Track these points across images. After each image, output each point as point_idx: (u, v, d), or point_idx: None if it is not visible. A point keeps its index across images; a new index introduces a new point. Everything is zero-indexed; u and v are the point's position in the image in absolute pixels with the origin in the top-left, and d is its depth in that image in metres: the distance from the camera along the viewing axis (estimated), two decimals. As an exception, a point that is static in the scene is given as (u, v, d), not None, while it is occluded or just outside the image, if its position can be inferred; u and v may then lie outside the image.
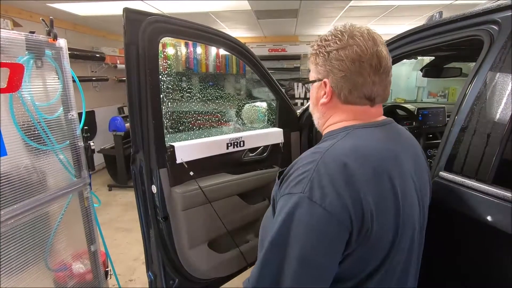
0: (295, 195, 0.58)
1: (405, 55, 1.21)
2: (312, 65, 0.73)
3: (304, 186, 0.57)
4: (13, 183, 0.98)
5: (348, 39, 0.64)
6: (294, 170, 0.62)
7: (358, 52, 0.63)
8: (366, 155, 0.61)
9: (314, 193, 0.56)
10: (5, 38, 0.91)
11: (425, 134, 2.04)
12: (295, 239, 0.57)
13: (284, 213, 0.58)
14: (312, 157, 0.61)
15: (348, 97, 0.67)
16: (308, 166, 0.59)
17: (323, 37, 0.69)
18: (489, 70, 0.87)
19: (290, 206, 0.58)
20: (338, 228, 0.56)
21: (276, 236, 0.58)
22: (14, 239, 1.00)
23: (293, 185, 0.59)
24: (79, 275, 1.29)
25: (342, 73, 0.65)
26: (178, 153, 1.26)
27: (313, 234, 0.56)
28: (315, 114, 0.77)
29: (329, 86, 0.68)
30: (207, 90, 3.35)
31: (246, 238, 1.62)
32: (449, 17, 1.03)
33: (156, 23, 1.10)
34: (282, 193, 0.62)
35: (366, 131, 0.66)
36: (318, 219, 0.56)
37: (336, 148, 0.62)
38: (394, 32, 1.43)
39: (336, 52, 0.64)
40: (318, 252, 0.57)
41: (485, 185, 0.80)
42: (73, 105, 1.17)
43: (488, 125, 0.83)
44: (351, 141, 0.64)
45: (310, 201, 0.56)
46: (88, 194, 1.27)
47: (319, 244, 0.57)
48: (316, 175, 0.57)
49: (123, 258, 2.37)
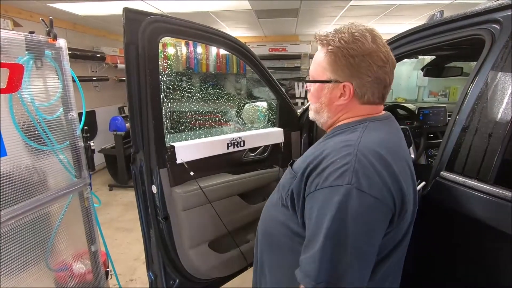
0: (341, 187, 0.59)
1: (406, 54, 1.20)
2: (326, 65, 0.71)
3: (350, 178, 0.59)
4: (14, 183, 0.98)
5: (372, 44, 0.66)
6: (328, 163, 0.63)
7: (382, 58, 0.67)
8: (390, 146, 0.67)
9: (362, 183, 0.58)
10: (5, 38, 0.91)
11: (426, 134, 2.03)
12: (352, 230, 0.58)
13: (333, 206, 0.58)
14: (347, 150, 0.63)
15: (370, 99, 0.71)
16: (346, 158, 0.61)
17: (341, 37, 0.67)
18: (490, 69, 0.86)
19: (339, 198, 0.58)
20: (385, 215, 0.61)
21: (332, 230, 0.58)
22: (15, 239, 1.00)
23: (335, 177, 0.60)
24: (79, 275, 1.29)
25: (369, 78, 0.68)
26: (179, 153, 1.26)
27: (368, 223, 0.59)
28: (324, 114, 0.76)
29: (352, 89, 0.69)
30: (208, 90, 3.35)
31: (247, 238, 1.61)
32: (450, 16, 1.02)
33: (156, 22, 1.09)
34: (320, 186, 0.62)
35: (379, 124, 0.71)
36: (371, 208, 0.59)
37: (366, 141, 0.64)
38: (395, 31, 1.42)
39: (363, 58, 0.66)
40: (372, 239, 0.61)
41: (487, 185, 0.79)
42: (73, 105, 1.17)
43: (490, 125, 0.83)
44: (375, 134, 0.67)
45: (359, 191, 0.58)
46: (89, 194, 1.27)
47: (373, 232, 0.60)
48: (359, 166, 0.59)
49: (123, 258, 2.37)
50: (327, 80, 0.72)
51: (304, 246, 0.64)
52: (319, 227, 0.60)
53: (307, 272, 0.61)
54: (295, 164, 0.76)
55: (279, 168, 1.65)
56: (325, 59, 0.71)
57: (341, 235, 0.58)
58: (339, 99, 0.72)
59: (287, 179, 0.75)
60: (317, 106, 0.77)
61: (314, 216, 0.62)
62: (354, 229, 0.58)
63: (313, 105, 0.79)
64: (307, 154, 0.74)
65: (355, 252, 0.59)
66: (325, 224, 0.59)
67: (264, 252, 0.85)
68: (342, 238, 0.58)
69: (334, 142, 0.68)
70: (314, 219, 0.62)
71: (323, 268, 0.59)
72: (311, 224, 0.63)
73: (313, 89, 0.76)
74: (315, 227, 0.61)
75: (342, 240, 0.58)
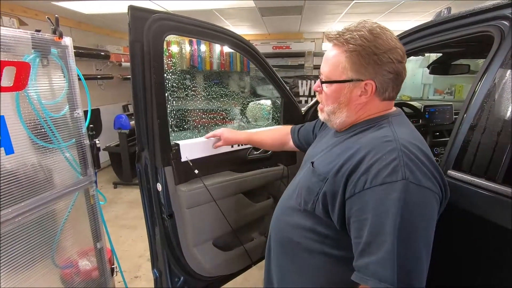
0: (396, 183, 0.58)
1: (412, 52, 1.19)
2: (347, 64, 0.69)
3: (403, 172, 0.58)
4: (20, 181, 0.99)
5: (390, 41, 0.67)
6: (373, 160, 0.61)
7: (401, 54, 0.69)
8: (420, 138, 0.68)
9: (416, 176, 0.59)
10: (11, 37, 0.91)
11: (431, 132, 2.01)
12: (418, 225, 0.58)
13: (393, 203, 0.57)
14: (389, 145, 0.63)
15: (391, 94, 0.72)
16: (392, 153, 0.61)
17: (362, 35, 0.66)
18: (499, 67, 0.85)
19: (397, 195, 0.57)
20: (438, 204, 0.62)
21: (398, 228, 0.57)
22: (22, 237, 1.01)
23: (386, 174, 0.59)
24: (85, 272, 1.30)
25: (391, 74, 0.68)
26: (183, 151, 1.26)
27: (429, 215, 0.60)
28: (343, 114, 0.74)
29: (374, 86, 0.69)
30: (212, 88, 3.35)
31: (251, 236, 1.62)
32: (458, 13, 1.01)
33: (161, 20, 1.09)
34: (370, 184, 0.60)
35: (399, 119, 0.72)
36: (429, 200, 0.60)
37: (400, 135, 0.65)
38: (401, 28, 1.41)
39: (385, 55, 0.66)
40: (433, 230, 0.61)
41: (495, 184, 0.78)
42: (78, 103, 1.17)
43: (498, 123, 0.82)
44: (403, 128, 0.69)
45: (416, 185, 0.58)
46: (94, 192, 1.28)
47: (433, 223, 0.61)
48: (407, 160, 0.60)
49: (128, 255, 2.39)
50: (348, 80, 0.70)
51: (362, 250, 0.61)
52: (381, 227, 0.58)
53: (382, 277, 0.57)
54: (318, 165, 0.74)
55: (283, 166, 1.64)
56: (345, 58, 0.69)
57: (408, 231, 0.57)
58: (359, 98, 0.71)
59: (313, 182, 0.72)
60: (335, 106, 0.74)
61: (370, 216, 0.59)
62: (419, 223, 0.58)
63: (329, 107, 0.75)
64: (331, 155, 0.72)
65: (422, 245, 0.58)
66: (389, 222, 0.57)
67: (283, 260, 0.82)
68: (410, 234, 0.57)
69: (367, 139, 0.67)
70: (370, 220, 0.59)
71: (399, 268, 0.56)
72: (366, 225, 0.60)
73: (330, 91, 0.73)
74: (375, 227, 0.59)
75: (410, 236, 0.57)
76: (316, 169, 0.73)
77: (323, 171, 0.71)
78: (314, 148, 0.90)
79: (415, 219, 0.58)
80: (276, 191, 1.63)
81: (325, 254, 0.72)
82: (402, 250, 0.57)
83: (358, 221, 0.62)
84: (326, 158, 0.74)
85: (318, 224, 0.72)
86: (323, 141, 0.87)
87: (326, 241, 0.71)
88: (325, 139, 0.87)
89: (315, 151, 0.87)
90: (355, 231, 0.63)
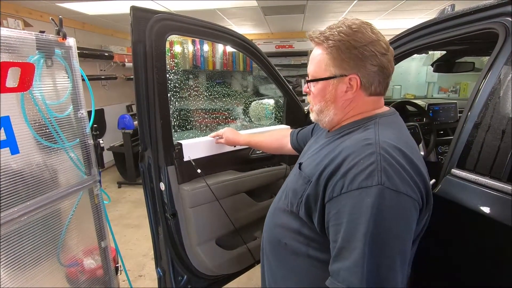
0: (371, 188, 0.56)
1: (415, 49, 1.18)
2: (328, 60, 0.69)
3: (379, 177, 0.56)
4: (26, 180, 1.00)
5: (371, 34, 0.66)
6: (351, 164, 0.60)
7: (383, 46, 0.67)
8: (406, 140, 0.67)
9: (393, 181, 0.57)
10: (16, 38, 0.92)
11: (436, 131, 2.00)
12: (391, 232, 0.56)
13: (367, 209, 0.56)
14: (369, 148, 0.60)
15: (377, 89, 0.70)
16: (370, 157, 0.59)
17: (340, 30, 0.66)
18: (504, 64, 0.84)
19: (372, 200, 0.56)
20: (416, 210, 0.60)
21: (370, 234, 0.55)
22: (27, 235, 1.02)
23: (362, 178, 0.57)
24: (90, 271, 1.31)
25: (375, 67, 0.67)
26: (186, 151, 1.26)
27: (405, 222, 0.58)
28: (330, 111, 0.73)
29: (358, 81, 0.68)
30: (214, 87, 3.35)
31: (254, 235, 1.62)
32: (462, 10, 1.00)
33: (163, 20, 1.10)
34: (346, 189, 0.59)
35: (388, 120, 0.70)
36: (405, 206, 0.57)
37: (384, 137, 0.63)
38: (404, 26, 1.40)
39: (366, 47, 0.65)
40: (409, 237, 0.59)
41: (500, 182, 0.78)
42: (82, 104, 1.18)
43: (503, 121, 0.81)
44: (389, 130, 0.67)
45: (391, 191, 0.56)
46: (98, 191, 1.29)
47: (410, 230, 0.59)
48: (385, 164, 0.58)
49: (132, 254, 2.41)
50: (332, 76, 0.70)
51: (335, 255, 0.60)
52: (354, 233, 0.57)
53: (351, 284, 0.56)
54: (305, 167, 0.73)
55: (286, 165, 1.64)
56: (326, 55, 0.69)
57: (380, 238, 0.56)
58: (345, 94, 0.70)
59: (299, 185, 0.71)
60: (322, 105, 0.74)
61: (345, 221, 0.58)
62: (393, 230, 0.56)
63: (317, 106, 0.75)
64: (319, 156, 0.71)
65: (395, 253, 0.56)
66: (361, 229, 0.56)
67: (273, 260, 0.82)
68: (382, 241, 0.56)
69: (350, 142, 0.66)
70: (345, 225, 0.58)
71: (369, 276, 0.55)
72: (341, 230, 0.59)
73: (316, 89, 0.73)
74: (348, 233, 0.58)
75: (383, 243, 0.56)
76: (303, 171, 0.73)
77: (308, 173, 0.70)
78: (307, 149, 0.88)
79: (389, 226, 0.56)
80: (278, 190, 1.62)
81: (310, 257, 0.71)
82: (373, 258, 0.55)
83: (335, 225, 0.61)
84: (314, 159, 0.72)
85: (304, 226, 0.71)
86: (316, 141, 0.86)
87: (311, 243, 0.71)
88: (318, 139, 0.86)
89: (306, 150, 0.87)
90: (332, 235, 0.62)
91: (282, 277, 0.80)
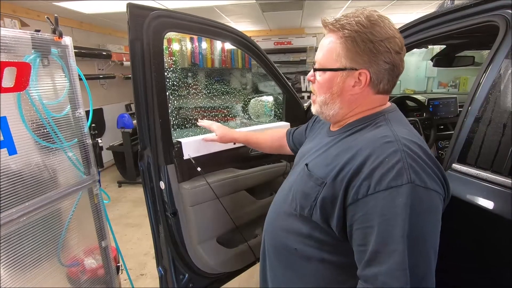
0: (401, 187, 0.55)
1: (415, 44, 1.17)
2: (341, 51, 0.65)
3: (408, 175, 0.55)
4: (25, 181, 0.99)
5: (388, 30, 0.63)
6: (375, 164, 0.58)
7: (399, 44, 0.65)
8: (418, 136, 0.65)
9: (421, 178, 0.56)
10: (11, 37, 0.91)
11: (436, 126, 1.99)
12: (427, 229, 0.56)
13: (401, 209, 0.54)
14: (390, 146, 0.59)
15: (385, 87, 0.68)
16: (395, 155, 0.57)
17: (358, 21, 0.63)
18: (505, 57, 0.83)
19: (404, 200, 0.54)
20: (442, 204, 0.60)
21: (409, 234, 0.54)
22: (27, 236, 1.02)
23: (391, 178, 0.56)
24: (91, 270, 1.31)
25: (387, 65, 0.64)
26: (185, 149, 1.26)
27: (436, 218, 0.58)
28: (336, 105, 0.70)
29: (368, 76, 0.65)
30: (213, 85, 3.34)
31: (254, 233, 1.62)
32: (462, 3, 0.99)
33: (160, 17, 1.08)
34: (374, 190, 0.57)
35: (395, 116, 0.69)
36: (435, 202, 0.57)
37: (401, 134, 0.62)
38: (403, 21, 1.39)
39: (382, 43, 0.63)
40: (439, 232, 0.59)
41: (501, 177, 0.77)
42: (80, 103, 1.18)
43: (504, 115, 0.80)
44: (401, 126, 0.66)
45: (421, 188, 0.56)
46: (98, 191, 1.29)
47: (439, 225, 0.59)
48: (411, 161, 0.57)
49: (133, 253, 2.41)
50: (341, 68, 0.66)
51: (369, 260, 0.57)
52: (390, 235, 0.55)
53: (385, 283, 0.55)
54: (314, 168, 0.70)
55: (286, 162, 1.64)
56: (340, 44, 0.65)
57: (417, 238, 0.54)
58: (352, 88, 0.67)
59: (309, 187, 0.68)
60: (327, 97, 0.70)
61: (376, 224, 0.56)
62: (427, 227, 0.56)
63: (321, 97, 0.72)
64: (328, 156, 0.68)
65: (430, 250, 0.56)
66: (398, 230, 0.54)
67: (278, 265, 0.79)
68: (419, 241, 0.55)
69: (365, 140, 0.63)
70: (377, 227, 0.56)
71: (412, 278, 0.53)
72: (372, 233, 0.57)
73: (322, 79, 0.70)
74: (383, 235, 0.55)
75: (419, 242, 0.55)
76: (312, 172, 0.69)
77: (320, 175, 0.66)
78: (306, 148, 0.85)
79: (424, 224, 0.56)
80: (279, 188, 1.62)
81: (324, 261, 0.69)
82: (413, 258, 0.54)
83: (363, 228, 0.58)
84: (323, 160, 0.69)
85: (316, 229, 0.69)
86: (316, 140, 0.83)
87: (324, 247, 0.69)
88: (317, 138, 0.83)
89: (306, 150, 0.83)
90: (359, 238, 0.60)
91: (289, 281, 0.77)
